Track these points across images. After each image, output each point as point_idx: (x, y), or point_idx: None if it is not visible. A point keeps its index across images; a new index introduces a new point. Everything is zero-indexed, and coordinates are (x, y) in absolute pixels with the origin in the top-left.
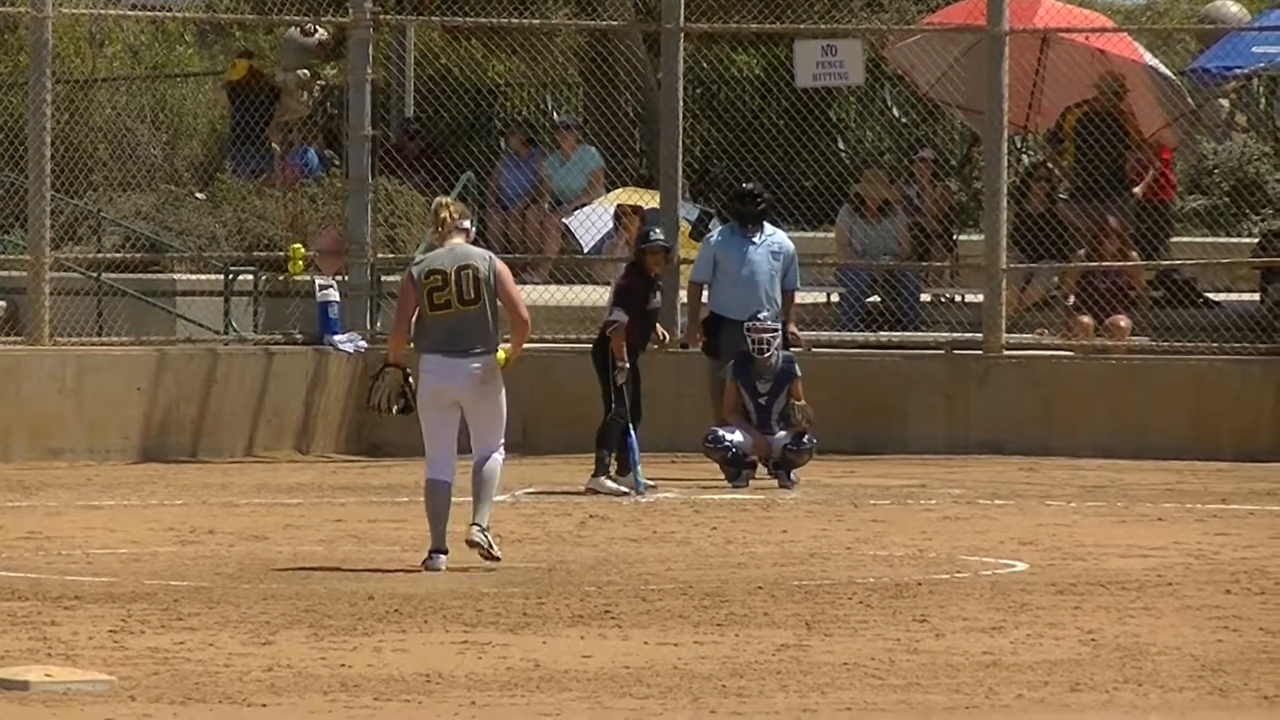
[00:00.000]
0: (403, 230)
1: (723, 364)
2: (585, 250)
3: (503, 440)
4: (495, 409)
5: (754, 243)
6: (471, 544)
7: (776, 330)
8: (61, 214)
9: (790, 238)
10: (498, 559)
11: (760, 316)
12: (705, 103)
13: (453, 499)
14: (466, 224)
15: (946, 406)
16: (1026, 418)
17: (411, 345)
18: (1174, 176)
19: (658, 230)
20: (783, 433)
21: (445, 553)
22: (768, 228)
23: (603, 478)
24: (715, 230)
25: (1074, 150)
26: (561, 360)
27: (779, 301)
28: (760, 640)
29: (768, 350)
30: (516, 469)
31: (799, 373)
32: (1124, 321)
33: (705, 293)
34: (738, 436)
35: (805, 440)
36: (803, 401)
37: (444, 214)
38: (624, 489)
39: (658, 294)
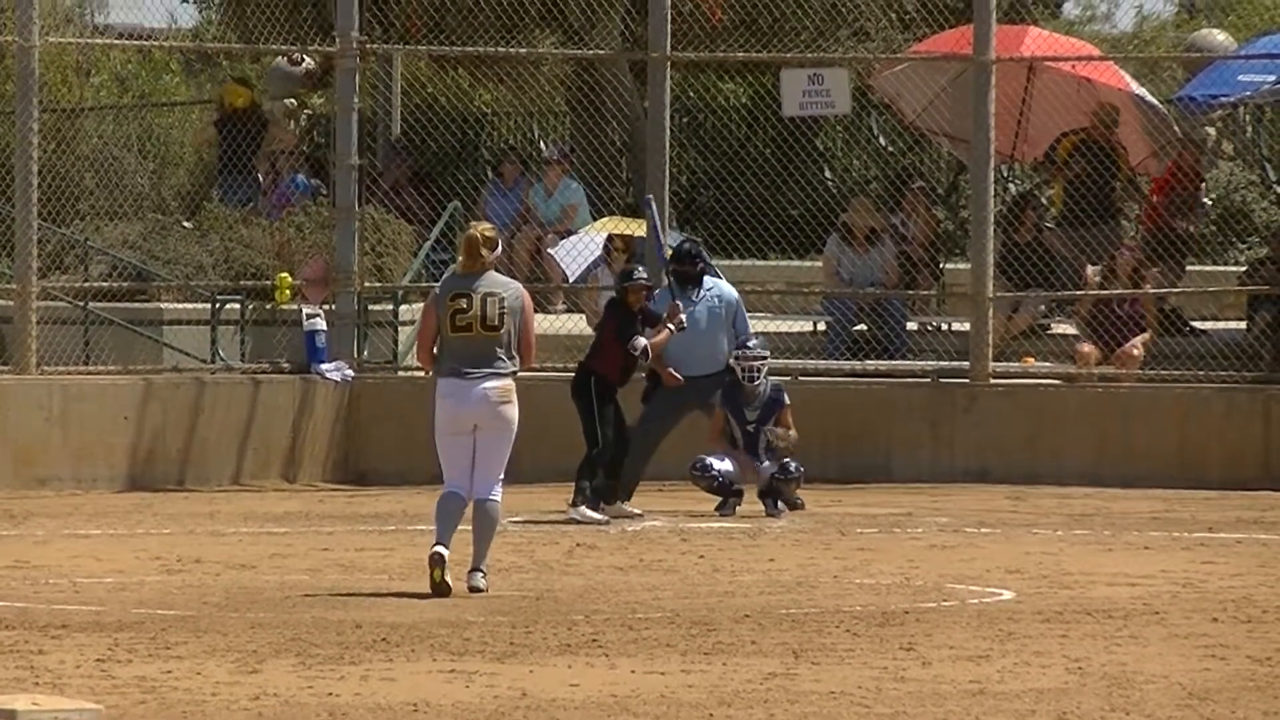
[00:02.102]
0: (390, 259)
1: (651, 413)
2: (570, 279)
3: (502, 477)
4: (504, 439)
5: (692, 300)
6: (474, 590)
7: (765, 357)
8: (48, 243)
9: (777, 267)
10: (484, 590)
11: (749, 345)
12: (692, 131)
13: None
14: (498, 253)
15: (932, 435)
16: (1013, 446)
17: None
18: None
19: (641, 268)
20: (769, 461)
21: (447, 549)
22: (706, 281)
23: (583, 506)
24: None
25: (1066, 177)
26: (546, 389)
27: (726, 352)
28: (748, 669)
29: (757, 377)
30: (502, 498)
31: (788, 401)
32: (1136, 350)
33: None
34: (725, 465)
35: (793, 469)
36: (785, 429)
37: (476, 246)
38: (603, 517)
39: (639, 331)
